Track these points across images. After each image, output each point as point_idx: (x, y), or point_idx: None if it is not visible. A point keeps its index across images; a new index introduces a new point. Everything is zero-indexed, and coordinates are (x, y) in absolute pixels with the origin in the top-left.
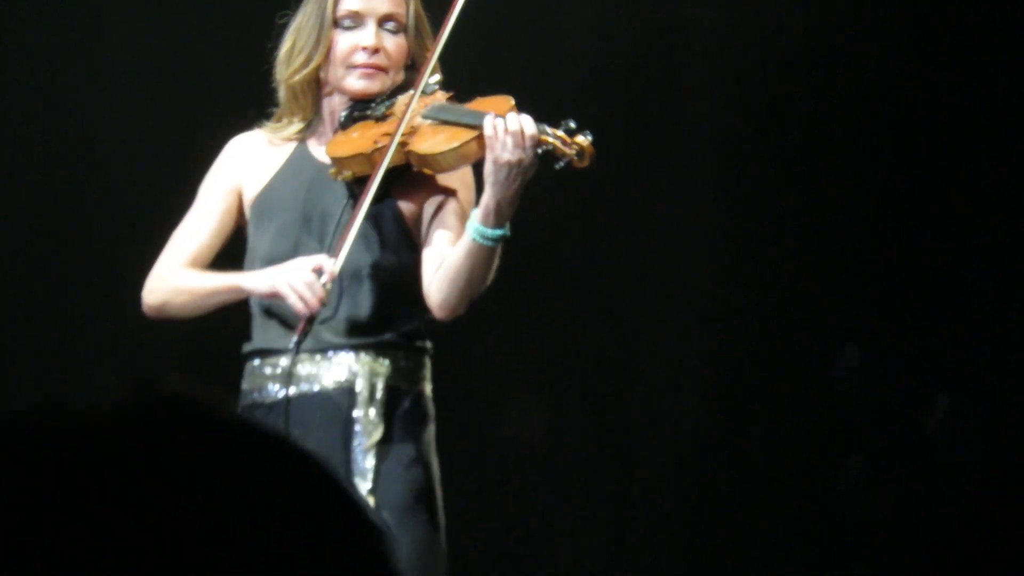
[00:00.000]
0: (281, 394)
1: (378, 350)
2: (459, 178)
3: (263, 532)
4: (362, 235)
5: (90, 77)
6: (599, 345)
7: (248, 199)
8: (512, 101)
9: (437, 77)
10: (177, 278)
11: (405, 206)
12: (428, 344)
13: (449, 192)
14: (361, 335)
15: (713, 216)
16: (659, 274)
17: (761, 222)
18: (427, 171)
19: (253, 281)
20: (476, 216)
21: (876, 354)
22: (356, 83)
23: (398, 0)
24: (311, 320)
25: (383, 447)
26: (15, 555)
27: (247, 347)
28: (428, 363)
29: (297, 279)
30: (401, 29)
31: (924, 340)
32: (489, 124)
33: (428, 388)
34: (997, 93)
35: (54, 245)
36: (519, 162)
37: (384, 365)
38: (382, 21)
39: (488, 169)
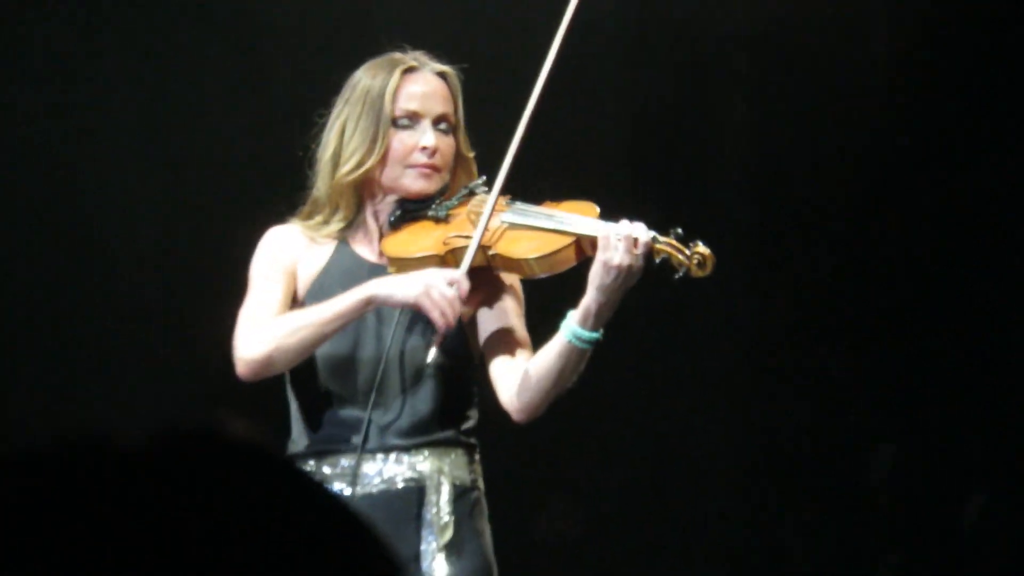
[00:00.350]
0: (347, 493)
1: (440, 449)
2: (511, 279)
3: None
4: (420, 335)
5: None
6: (635, 443)
7: (300, 292)
8: (598, 209)
9: (483, 178)
10: (287, 319)
11: (488, 312)
12: (476, 442)
13: (506, 294)
14: (423, 434)
15: (748, 319)
16: (693, 376)
17: (796, 323)
18: (512, 274)
19: (388, 289)
20: (574, 317)
21: (911, 452)
22: (414, 183)
23: (449, 100)
24: (444, 337)
25: (451, 547)
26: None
27: (297, 447)
28: (479, 460)
29: (438, 292)
30: (451, 129)
31: (959, 437)
32: (603, 228)
33: (482, 483)
34: None
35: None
36: (629, 267)
37: (448, 463)
38: (436, 121)
39: (595, 271)
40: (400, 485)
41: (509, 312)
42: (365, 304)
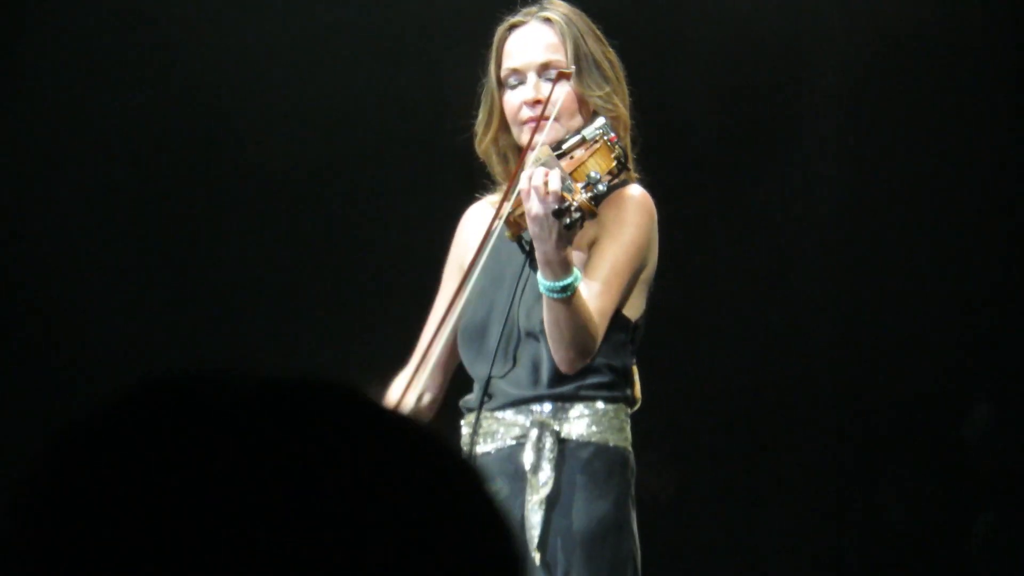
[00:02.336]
0: (466, 452)
1: (559, 403)
2: (619, 222)
3: (401, 529)
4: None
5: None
6: (726, 401)
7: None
8: (614, 161)
9: (601, 121)
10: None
11: (579, 257)
12: (623, 393)
13: (604, 237)
14: (542, 388)
15: (843, 270)
16: (788, 328)
17: (891, 277)
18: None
19: None
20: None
21: (1008, 410)
22: (525, 137)
23: (554, 47)
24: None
25: (553, 501)
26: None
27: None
28: (619, 415)
29: None
30: (563, 76)
31: None
32: (525, 179)
33: (616, 440)
34: None
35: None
36: (545, 216)
37: (561, 419)
38: (541, 71)
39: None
40: (511, 442)
41: (592, 268)
42: None
